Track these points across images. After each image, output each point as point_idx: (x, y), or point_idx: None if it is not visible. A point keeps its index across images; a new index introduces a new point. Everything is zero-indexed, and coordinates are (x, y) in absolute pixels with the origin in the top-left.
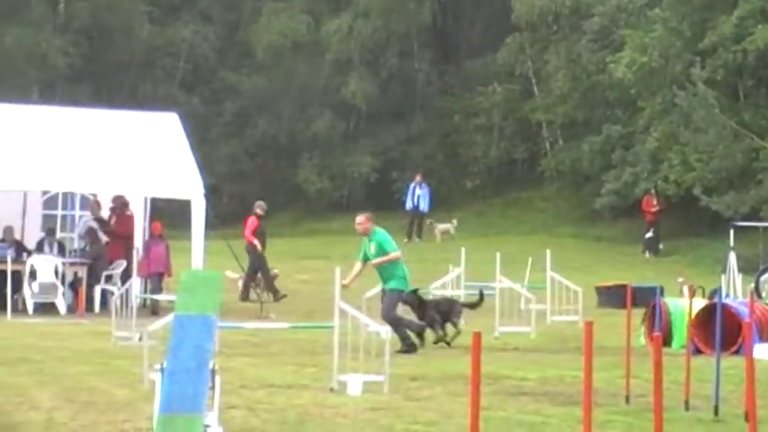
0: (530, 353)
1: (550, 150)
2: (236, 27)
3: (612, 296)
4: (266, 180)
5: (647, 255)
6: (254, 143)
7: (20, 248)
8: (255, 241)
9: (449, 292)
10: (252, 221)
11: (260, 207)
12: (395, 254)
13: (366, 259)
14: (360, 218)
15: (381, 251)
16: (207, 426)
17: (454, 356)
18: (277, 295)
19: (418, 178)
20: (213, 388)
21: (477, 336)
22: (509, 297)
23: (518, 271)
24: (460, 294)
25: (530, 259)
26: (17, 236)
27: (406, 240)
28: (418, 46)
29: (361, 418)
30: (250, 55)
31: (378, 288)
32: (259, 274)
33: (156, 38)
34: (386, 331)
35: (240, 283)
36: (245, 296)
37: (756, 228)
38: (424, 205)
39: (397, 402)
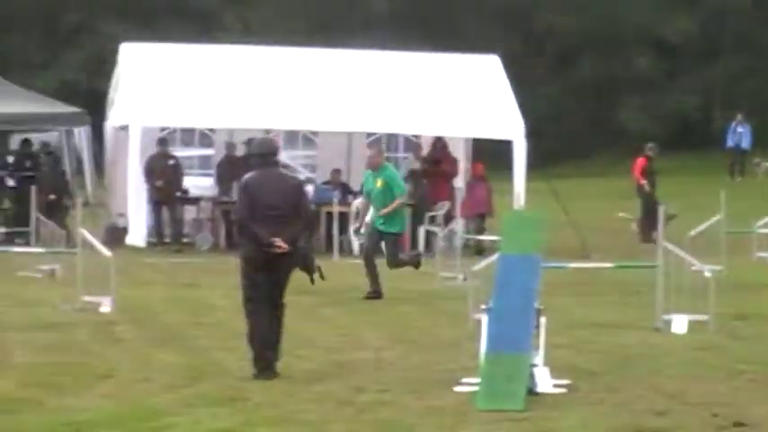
0: None
1: None
2: None
3: None
4: (587, 120)
5: None
6: (574, 83)
7: (346, 191)
8: (643, 181)
9: None
10: (640, 162)
11: (651, 149)
12: (402, 199)
13: (369, 195)
14: (373, 151)
15: (387, 189)
16: (533, 365)
17: None
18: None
19: (739, 117)
20: (538, 327)
21: None
22: None
23: None
24: None
25: None
26: (343, 178)
27: (728, 179)
28: None
29: (687, 358)
30: None
31: (703, 226)
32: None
33: None
34: (710, 270)
35: (633, 225)
36: (644, 238)
37: None
38: (745, 144)
39: (722, 341)
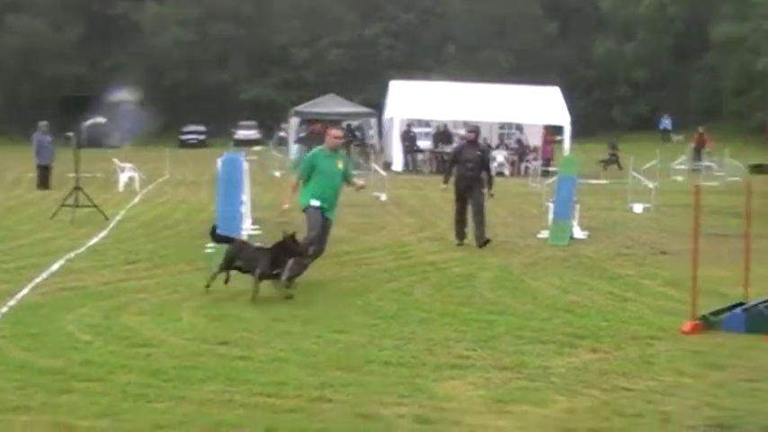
0: None
1: None
2: None
3: None
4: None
5: None
6: None
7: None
8: None
9: None
10: None
11: None
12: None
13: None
14: (340, 132)
15: (347, 173)
16: (572, 225)
17: None
18: None
19: None
20: (575, 209)
21: None
22: None
23: None
24: None
25: None
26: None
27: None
28: None
29: (642, 223)
30: None
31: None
32: None
33: None
34: (651, 183)
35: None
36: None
37: None
38: None
39: (658, 217)
